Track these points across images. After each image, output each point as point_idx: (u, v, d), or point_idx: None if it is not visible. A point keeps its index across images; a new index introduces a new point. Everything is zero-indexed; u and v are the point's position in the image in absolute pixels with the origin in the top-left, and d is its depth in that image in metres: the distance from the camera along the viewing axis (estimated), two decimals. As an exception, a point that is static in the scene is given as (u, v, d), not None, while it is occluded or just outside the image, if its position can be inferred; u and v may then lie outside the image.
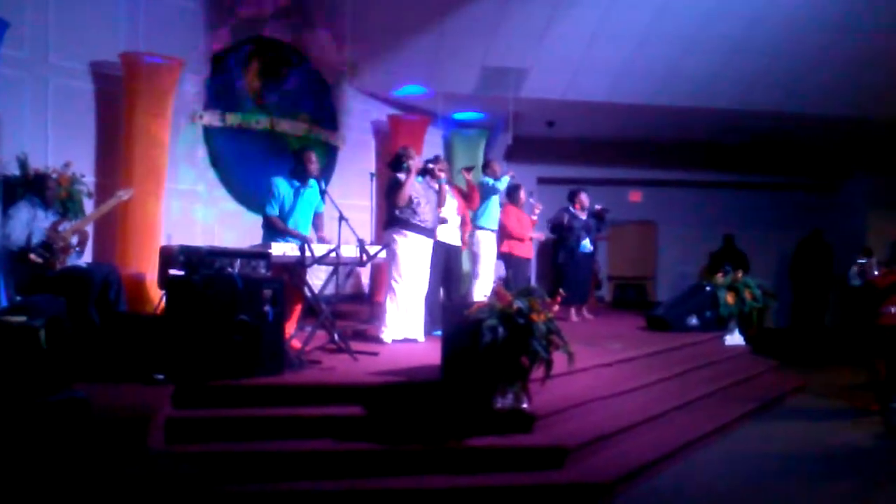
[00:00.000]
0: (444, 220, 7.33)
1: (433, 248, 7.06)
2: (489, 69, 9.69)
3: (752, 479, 5.14)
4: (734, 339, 8.70)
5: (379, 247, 6.39)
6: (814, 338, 12.05)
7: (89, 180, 7.39)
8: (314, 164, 6.39)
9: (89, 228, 6.51)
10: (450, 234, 7.48)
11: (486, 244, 8.21)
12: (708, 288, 8.88)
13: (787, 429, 6.55)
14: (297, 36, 9.58)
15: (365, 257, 6.15)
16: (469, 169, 7.88)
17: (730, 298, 8.60)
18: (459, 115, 11.48)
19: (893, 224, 12.46)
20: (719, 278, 8.91)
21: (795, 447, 6.00)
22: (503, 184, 8.30)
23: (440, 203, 7.01)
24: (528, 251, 8.88)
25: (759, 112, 10.73)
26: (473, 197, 7.76)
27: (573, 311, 9.37)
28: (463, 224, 7.75)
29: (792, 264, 13.42)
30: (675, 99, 10.33)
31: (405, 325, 6.78)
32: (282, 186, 6.25)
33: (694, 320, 8.76)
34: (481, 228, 8.18)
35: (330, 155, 10.05)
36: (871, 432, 6.42)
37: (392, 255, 6.61)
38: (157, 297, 6.82)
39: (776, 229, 13.57)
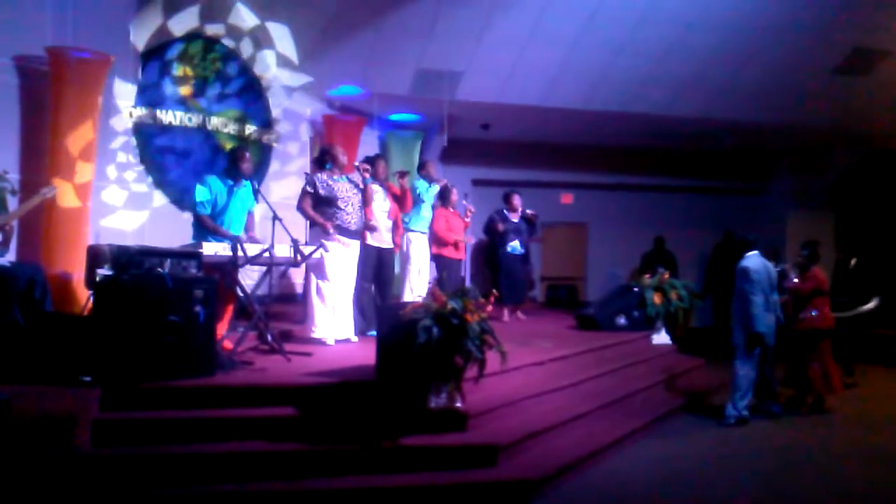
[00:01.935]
0: (374, 228, 7.34)
1: (366, 251, 7.06)
2: (424, 71, 9.74)
3: (679, 474, 5.30)
4: (661, 338, 8.94)
5: (313, 247, 6.36)
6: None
7: (13, 177, 7.15)
8: (248, 163, 6.32)
9: (13, 226, 6.32)
10: (381, 237, 7.49)
11: (418, 246, 8.22)
12: (636, 288, 9.10)
13: (714, 425, 6.76)
14: (231, 33, 9.45)
15: (299, 258, 6.12)
16: (403, 174, 7.87)
17: (656, 299, 8.82)
18: (395, 117, 11.49)
19: (811, 225, 12.98)
20: (646, 279, 9.13)
21: (721, 442, 6.21)
22: (430, 194, 8.35)
23: (366, 203, 7.00)
24: (458, 253, 8.88)
25: (687, 117, 11.02)
26: (406, 201, 7.79)
27: (506, 311, 9.48)
28: (395, 227, 7.75)
29: (708, 266, 13.83)
30: (606, 103, 10.54)
31: (336, 325, 6.77)
32: (214, 185, 6.16)
33: (622, 320, 8.99)
34: (412, 231, 8.20)
35: (264, 154, 9.95)
36: (793, 426, 6.70)
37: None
38: (84, 297, 6.67)
39: (702, 231, 13.94)
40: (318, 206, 6.70)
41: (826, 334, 7.41)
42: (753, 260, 7.04)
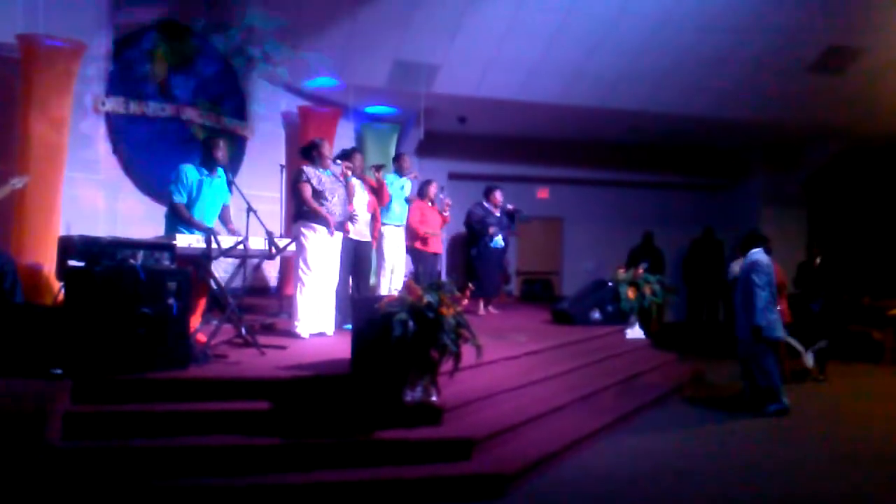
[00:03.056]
0: (353, 217, 7.31)
1: (343, 243, 7.04)
2: (401, 63, 9.71)
3: (653, 468, 5.34)
4: (635, 332, 9.00)
5: (288, 240, 6.33)
6: (708, 331, 12.57)
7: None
8: (222, 151, 6.24)
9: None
10: (359, 229, 7.47)
11: (391, 239, 8.20)
12: (610, 283, 9.15)
13: (685, 419, 6.83)
14: (205, 23, 9.36)
15: (273, 250, 6.07)
16: (379, 167, 7.83)
17: (630, 293, 8.88)
18: (371, 109, 11.45)
19: (783, 221, 13.16)
20: (621, 273, 9.19)
21: (692, 435, 6.27)
22: (399, 184, 8.30)
23: (349, 197, 7.01)
24: (435, 246, 8.90)
25: (663, 113, 11.08)
26: (383, 194, 7.77)
27: (482, 304, 9.50)
28: (373, 220, 7.73)
29: (685, 261, 13.95)
30: (582, 99, 10.57)
31: (316, 318, 6.74)
32: (190, 174, 6.10)
33: (596, 314, 9.03)
34: (385, 224, 8.17)
35: (238, 145, 9.88)
36: (770, 422, 6.78)
37: (301, 249, 6.58)
38: (55, 288, 6.60)
39: (679, 227, 14.05)
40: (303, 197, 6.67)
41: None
42: (761, 255, 7.13)
